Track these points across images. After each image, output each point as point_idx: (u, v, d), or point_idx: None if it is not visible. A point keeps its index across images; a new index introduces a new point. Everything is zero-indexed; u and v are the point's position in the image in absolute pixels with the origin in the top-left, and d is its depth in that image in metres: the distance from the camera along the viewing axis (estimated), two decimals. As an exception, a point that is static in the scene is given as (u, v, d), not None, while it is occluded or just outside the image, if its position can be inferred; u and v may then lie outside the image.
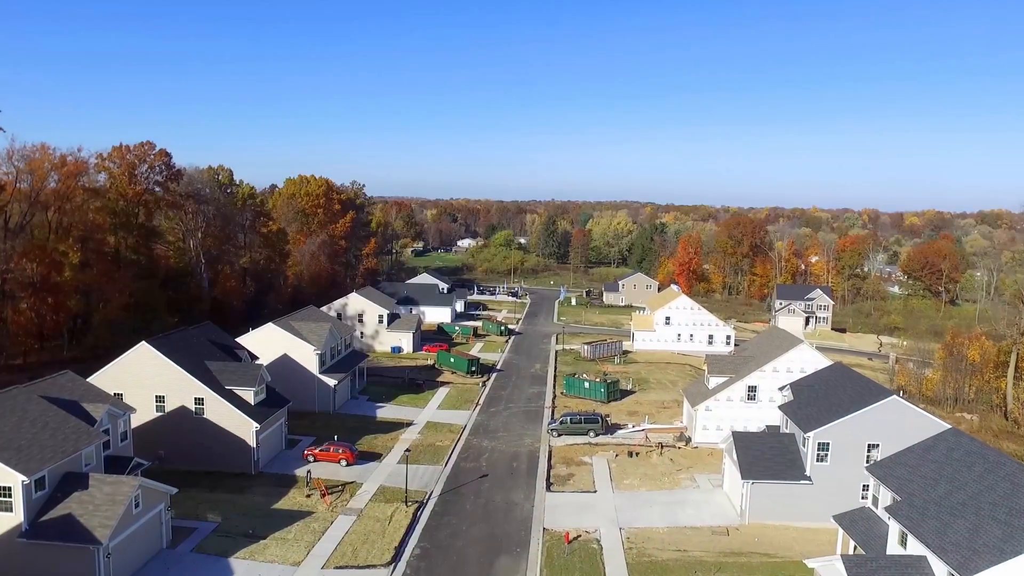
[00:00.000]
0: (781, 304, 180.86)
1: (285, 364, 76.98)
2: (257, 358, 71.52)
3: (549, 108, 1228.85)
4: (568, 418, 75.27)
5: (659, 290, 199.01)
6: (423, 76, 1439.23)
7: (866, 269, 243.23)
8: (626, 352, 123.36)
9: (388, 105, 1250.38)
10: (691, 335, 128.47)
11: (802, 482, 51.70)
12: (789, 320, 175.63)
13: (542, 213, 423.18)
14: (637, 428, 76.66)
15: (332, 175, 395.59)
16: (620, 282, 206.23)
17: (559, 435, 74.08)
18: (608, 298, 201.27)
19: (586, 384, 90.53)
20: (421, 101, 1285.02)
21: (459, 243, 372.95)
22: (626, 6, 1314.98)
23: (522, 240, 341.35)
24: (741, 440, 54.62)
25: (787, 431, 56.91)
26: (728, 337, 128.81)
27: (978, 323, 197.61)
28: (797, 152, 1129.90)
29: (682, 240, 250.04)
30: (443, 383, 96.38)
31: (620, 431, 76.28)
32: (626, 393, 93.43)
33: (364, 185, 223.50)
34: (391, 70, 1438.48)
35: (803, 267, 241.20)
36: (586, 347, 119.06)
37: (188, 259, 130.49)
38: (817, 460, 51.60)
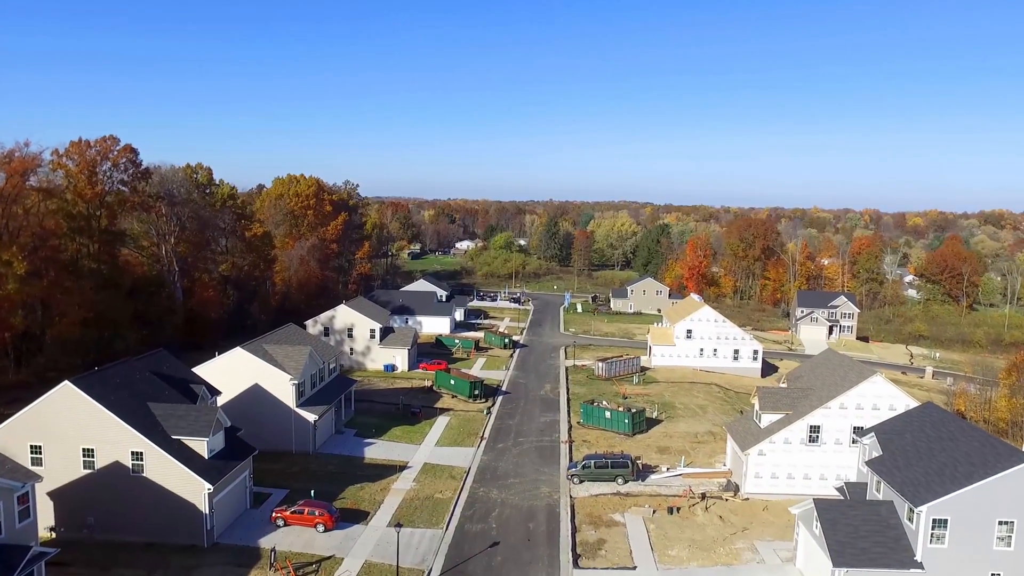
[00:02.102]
0: (803, 312, 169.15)
1: (256, 396, 65.09)
2: (219, 393, 59.54)
3: (547, 108, 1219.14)
4: (591, 461, 63.20)
5: (669, 296, 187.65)
6: (420, 75, 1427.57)
7: (883, 271, 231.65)
8: (644, 369, 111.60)
9: (384, 104, 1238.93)
10: (715, 350, 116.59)
11: (912, 570, 39.85)
12: (811, 329, 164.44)
13: (542, 214, 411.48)
14: (673, 473, 64.82)
15: (324, 175, 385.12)
16: (629, 288, 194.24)
17: (580, 481, 62.30)
18: (616, 304, 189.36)
19: (607, 414, 78.55)
20: (418, 100, 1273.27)
21: (458, 245, 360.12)
22: (625, 6, 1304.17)
23: (522, 242, 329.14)
24: (826, 511, 42.70)
25: (880, 496, 45.03)
26: (755, 352, 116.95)
27: (1008, 330, 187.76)
28: (797, 152, 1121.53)
29: (690, 242, 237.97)
30: (442, 410, 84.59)
31: (653, 476, 64.44)
32: (652, 423, 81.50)
33: (358, 185, 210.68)
34: (387, 69, 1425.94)
35: (815, 270, 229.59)
36: (600, 364, 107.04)
37: (160, 267, 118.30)
38: (931, 541, 39.81)
